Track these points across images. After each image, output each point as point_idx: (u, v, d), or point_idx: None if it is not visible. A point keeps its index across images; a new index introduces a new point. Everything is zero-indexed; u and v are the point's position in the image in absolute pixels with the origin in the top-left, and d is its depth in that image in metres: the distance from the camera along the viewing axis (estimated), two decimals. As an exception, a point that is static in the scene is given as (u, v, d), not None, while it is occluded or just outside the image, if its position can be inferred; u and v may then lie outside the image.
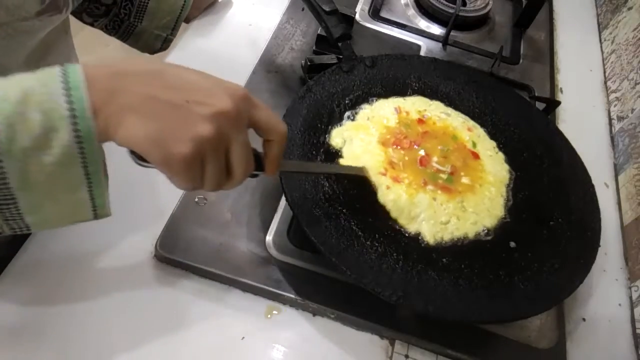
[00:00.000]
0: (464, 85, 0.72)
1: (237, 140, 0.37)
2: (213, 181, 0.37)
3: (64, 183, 0.35)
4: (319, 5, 0.69)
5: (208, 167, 0.36)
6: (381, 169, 0.57)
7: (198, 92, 0.35)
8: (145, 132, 0.34)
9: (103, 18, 0.73)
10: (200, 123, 0.34)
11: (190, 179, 0.36)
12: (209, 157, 0.35)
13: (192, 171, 0.35)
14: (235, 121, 0.36)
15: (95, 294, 0.51)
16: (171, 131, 0.34)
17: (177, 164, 0.34)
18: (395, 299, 0.48)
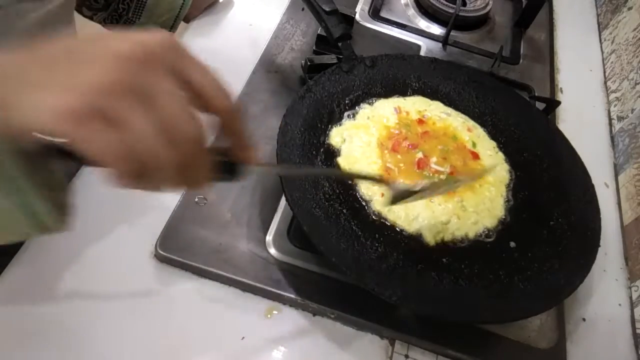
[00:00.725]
0: (464, 85, 0.72)
1: (160, 89, 0.28)
2: (146, 141, 0.27)
3: None
4: (319, 5, 0.69)
5: (126, 127, 0.26)
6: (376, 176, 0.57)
7: (94, 43, 0.28)
8: (28, 101, 0.26)
9: (102, 12, 0.73)
10: (98, 65, 0.26)
11: (102, 145, 0.26)
12: (115, 110, 0.26)
13: (92, 131, 0.26)
14: (145, 64, 0.27)
15: (95, 294, 0.51)
16: (59, 82, 0.26)
17: (64, 120, 0.25)
18: (395, 299, 0.48)
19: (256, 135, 0.66)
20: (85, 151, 0.26)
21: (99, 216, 0.56)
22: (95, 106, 0.26)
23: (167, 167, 0.28)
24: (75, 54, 0.27)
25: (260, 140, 0.65)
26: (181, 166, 0.29)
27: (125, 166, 0.27)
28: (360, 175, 0.57)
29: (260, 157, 0.34)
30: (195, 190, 0.31)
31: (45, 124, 0.26)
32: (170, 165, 0.28)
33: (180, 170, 0.29)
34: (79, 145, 0.26)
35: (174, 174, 0.29)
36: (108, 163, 0.27)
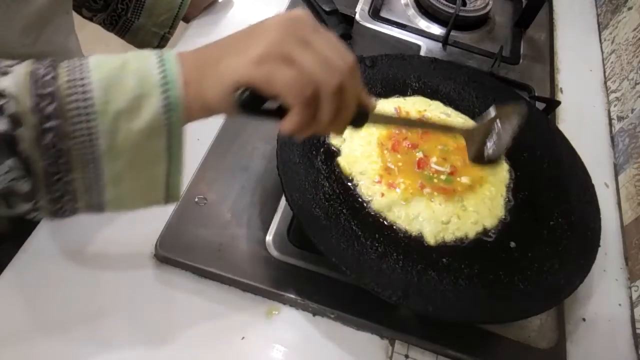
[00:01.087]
0: (464, 85, 0.72)
1: (315, 37, 0.37)
2: (314, 70, 0.36)
3: (147, 154, 0.37)
4: (319, 5, 0.69)
5: (296, 61, 0.35)
6: (376, 176, 0.58)
7: (259, 24, 0.38)
8: (226, 67, 0.36)
9: (101, 13, 0.73)
10: (267, 32, 0.36)
11: (280, 77, 0.35)
12: (286, 52, 0.35)
13: (272, 68, 0.35)
14: (299, 24, 0.37)
15: (95, 294, 0.51)
16: (245, 50, 0.36)
17: (257, 62, 0.35)
18: (395, 299, 0.48)
19: (256, 135, 0.66)
20: (270, 85, 0.35)
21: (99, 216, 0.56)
22: (272, 53, 0.35)
23: (331, 90, 0.36)
24: (248, 34, 0.37)
25: (260, 140, 0.65)
26: (340, 89, 0.37)
27: (300, 93, 0.35)
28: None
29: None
30: (338, 135, 0.45)
31: (239, 73, 0.35)
32: (333, 88, 0.36)
33: (339, 95, 0.37)
34: (265, 82, 0.35)
35: (335, 100, 0.37)
36: (287, 92, 0.35)
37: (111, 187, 0.37)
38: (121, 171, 0.37)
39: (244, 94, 0.36)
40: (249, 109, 0.37)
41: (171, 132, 0.36)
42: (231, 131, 0.66)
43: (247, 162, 0.63)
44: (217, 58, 0.37)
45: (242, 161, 0.63)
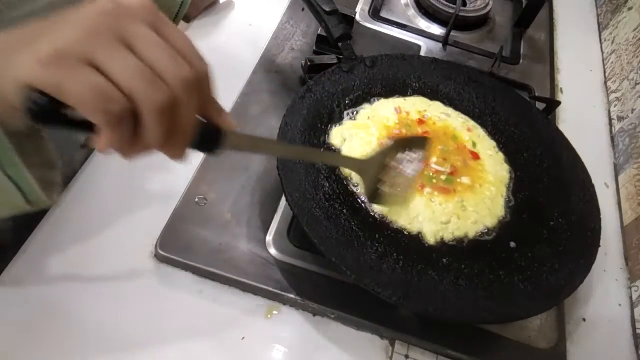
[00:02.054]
0: (464, 85, 0.72)
1: (139, 34, 0.29)
2: (127, 80, 0.28)
3: None
4: (319, 5, 0.69)
5: (106, 66, 0.27)
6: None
7: (78, 9, 0.30)
8: (13, 63, 0.28)
9: None
10: (73, 22, 0.28)
11: (83, 85, 0.27)
12: (94, 53, 0.27)
13: (73, 71, 0.27)
14: (124, 16, 0.29)
15: (95, 294, 0.51)
16: (36, 43, 0.28)
17: (46, 62, 0.27)
18: (395, 299, 0.48)
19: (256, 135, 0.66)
20: (60, 93, 0.27)
21: (99, 216, 0.56)
22: (75, 50, 0.27)
23: (152, 107, 0.28)
24: (55, 21, 0.29)
25: (260, 140, 0.65)
26: (169, 107, 0.29)
27: (100, 109, 0.27)
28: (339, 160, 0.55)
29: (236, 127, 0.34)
30: (177, 159, 0.33)
31: (22, 74, 0.27)
32: (156, 105, 0.28)
33: (167, 113, 0.29)
34: (54, 89, 0.27)
35: (161, 120, 0.29)
36: (82, 106, 0.27)
37: None
38: None
39: (34, 100, 0.28)
40: (43, 119, 0.28)
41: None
42: (231, 131, 0.66)
43: (247, 162, 0.63)
44: (9, 50, 0.29)
45: (242, 161, 0.63)
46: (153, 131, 0.29)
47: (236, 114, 0.67)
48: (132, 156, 0.31)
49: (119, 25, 0.28)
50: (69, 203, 0.57)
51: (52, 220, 0.55)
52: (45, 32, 0.28)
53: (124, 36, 0.28)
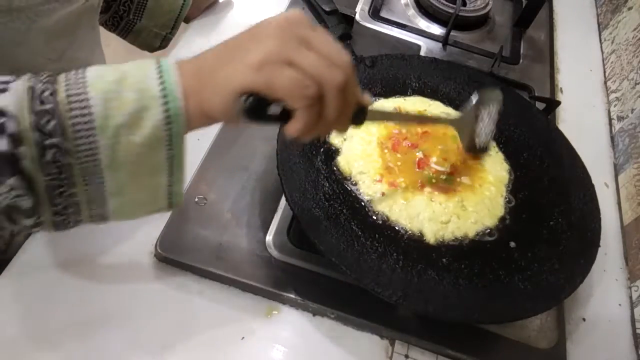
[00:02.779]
0: (464, 85, 0.72)
1: (312, 35, 0.37)
2: (316, 69, 0.36)
3: (149, 165, 0.37)
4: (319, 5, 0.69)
5: (297, 61, 0.35)
6: (377, 175, 0.58)
7: (257, 26, 0.38)
8: (226, 75, 0.36)
9: (103, 14, 0.73)
10: (266, 36, 0.37)
11: (283, 79, 0.35)
12: (287, 53, 0.35)
13: (274, 70, 0.35)
14: (296, 24, 0.37)
15: (95, 294, 0.51)
16: (244, 57, 0.36)
17: (258, 67, 0.35)
18: (395, 299, 0.48)
19: (256, 135, 0.66)
20: (272, 88, 0.35)
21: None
22: (272, 56, 0.35)
23: (336, 87, 0.36)
24: (246, 38, 0.37)
25: (260, 140, 0.65)
26: (343, 86, 0.36)
27: (303, 94, 0.35)
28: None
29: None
30: (342, 132, 0.44)
31: (239, 81, 0.35)
32: (338, 85, 0.36)
33: (342, 92, 0.37)
34: (267, 87, 0.35)
35: (340, 97, 0.37)
36: (290, 94, 0.35)
37: (113, 198, 0.37)
38: (123, 183, 0.37)
39: (247, 101, 0.35)
40: (253, 115, 0.36)
41: (172, 143, 0.36)
42: (231, 131, 0.66)
43: (247, 162, 0.63)
44: (217, 66, 0.37)
45: (242, 161, 0.63)
46: (334, 107, 0.37)
47: (236, 114, 0.67)
48: (312, 136, 0.39)
49: (297, 32, 0.36)
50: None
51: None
52: (244, 47, 0.36)
53: (304, 39, 0.36)
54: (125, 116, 0.34)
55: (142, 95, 0.35)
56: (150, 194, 0.39)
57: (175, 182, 0.39)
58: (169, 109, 0.35)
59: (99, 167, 0.35)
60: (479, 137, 0.59)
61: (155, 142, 0.36)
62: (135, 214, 0.40)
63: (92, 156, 0.34)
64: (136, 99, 0.34)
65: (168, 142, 0.36)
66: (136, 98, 0.34)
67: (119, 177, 0.36)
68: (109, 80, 0.35)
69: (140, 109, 0.34)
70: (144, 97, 0.35)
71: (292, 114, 0.37)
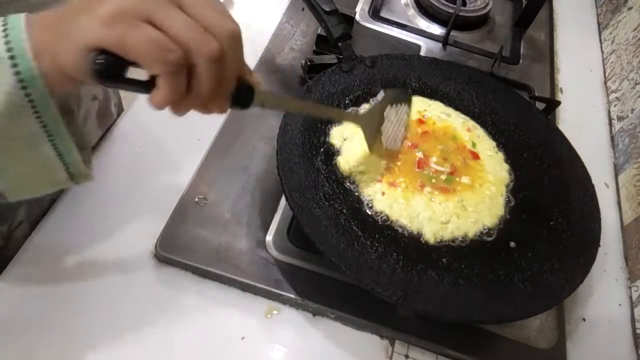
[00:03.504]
0: (464, 85, 0.72)
1: (158, 9, 0.31)
2: (183, 32, 0.31)
3: (19, 137, 0.33)
4: (319, 5, 0.69)
5: (163, 21, 0.30)
6: (377, 175, 0.58)
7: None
8: (77, 28, 0.30)
9: None
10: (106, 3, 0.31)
11: (144, 39, 0.30)
12: (152, 9, 0.30)
13: (133, 27, 0.30)
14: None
15: (95, 294, 0.51)
16: (98, 7, 0.30)
17: (110, 21, 0.30)
18: (395, 299, 0.48)
19: (256, 135, 0.66)
20: (124, 48, 0.30)
21: (99, 216, 0.56)
22: (134, 9, 0.30)
23: (207, 55, 0.31)
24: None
25: (260, 140, 0.65)
26: (217, 57, 0.32)
27: (161, 58, 0.30)
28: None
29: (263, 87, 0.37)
30: (220, 112, 0.36)
31: (88, 35, 0.30)
32: (210, 53, 0.31)
33: (216, 64, 0.32)
34: (118, 45, 0.30)
35: (213, 69, 0.32)
36: (145, 57, 0.30)
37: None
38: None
39: (97, 59, 0.30)
40: (107, 77, 0.31)
41: (38, 108, 0.32)
42: (231, 131, 0.66)
43: (247, 162, 0.63)
44: (71, 16, 0.31)
45: (242, 161, 0.63)
46: (205, 80, 0.32)
47: (236, 114, 0.67)
48: (183, 111, 0.34)
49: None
50: (69, 204, 0.57)
51: (53, 220, 0.55)
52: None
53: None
54: None
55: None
56: (38, 168, 0.36)
57: (63, 151, 0.35)
58: (20, 71, 0.31)
59: None
60: (387, 137, 0.56)
61: (15, 110, 0.32)
62: (35, 189, 0.38)
63: None
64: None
65: (32, 108, 0.32)
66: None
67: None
68: None
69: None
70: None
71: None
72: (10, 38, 0.31)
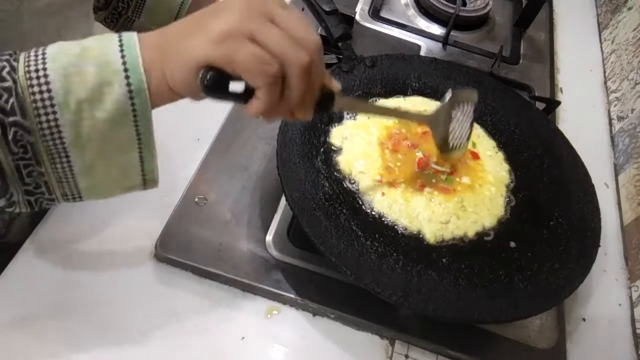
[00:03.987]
0: (464, 85, 0.72)
1: (279, 12, 0.35)
2: (280, 47, 0.34)
3: (116, 142, 0.36)
4: (319, 5, 0.69)
5: (261, 37, 0.34)
6: (377, 175, 0.58)
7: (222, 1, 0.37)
8: (187, 47, 0.35)
9: (103, 11, 0.73)
10: (230, 9, 0.35)
11: (246, 54, 0.34)
12: (251, 28, 0.34)
13: (237, 44, 0.34)
14: (263, 2, 0.35)
15: (95, 294, 0.51)
16: (206, 29, 0.34)
17: (218, 40, 0.34)
18: (395, 299, 0.48)
19: (256, 135, 0.66)
20: (232, 63, 0.34)
21: (99, 216, 0.56)
22: (234, 30, 0.34)
23: (300, 67, 0.35)
24: (211, 11, 0.35)
25: (260, 140, 0.65)
26: (307, 67, 0.35)
27: (264, 71, 0.34)
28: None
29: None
30: (306, 118, 0.39)
31: (199, 53, 0.34)
32: (303, 65, 0.35)
33: (305, 74, 0.35)
34: (227, 61, 0.34)
35: (304, 79, 0.35)
36: (250, 71, 0.34)
37: (83, 177, 0.37)
38: (91, 161, 0.36)
39: (207, 76, 0.34)
40: (214, 91, 0.35)
41: (137, 118, 0.35)
42: (231, 131, 0.66)
43: (247, 162, 0.63)
44: (179, 38, 0.35)
45: (242, 161, 0.63)
46: (297, 88, 0.36)
47: (236, 114, 0.67)
48: (274, 118, 0.38)
49: (264, 7, 0.35)
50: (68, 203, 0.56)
51: (53, 220, 0.55)
52: (207, 20, 0.35)
53: (269, 15, 0.35)
54: (86, 91, 0.33)
55: (103, 69, 0.34)
56: (121, 172, 0.38)
57: (146, 158, 0.38)
58: (131, 83, 0.34)
59: (64, 145, 0.34)
60: (453, 136, 0.57)
61: (119, 118, 0.35)
62: (110, 192, 0.40)
63: (55, 134, 0.34)
64: (97, 72, 0.34)
65: (133, 117, 0.35)
66: (97, 72, 0.34)
67: (86, 155, 0.36)
68: (70, 55, 0.34)
69: (102, 84, 0.34)
70: (105, 71, 0.34)
71: (254, 93, 0.36)
72: (126, 53, 0.34)
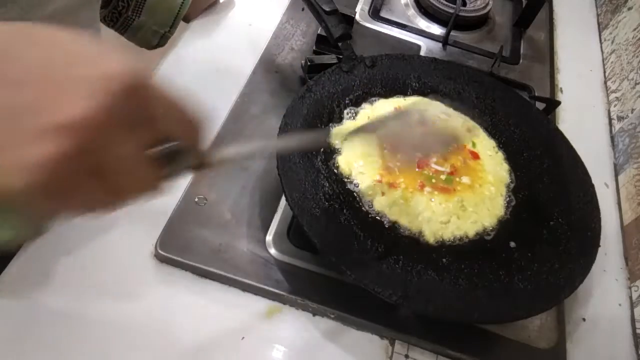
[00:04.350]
0: (464, 85, 0.72)
1: (113, 156, 0.25)
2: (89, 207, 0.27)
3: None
4: (319, 5, 0.69)
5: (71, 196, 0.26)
6: (376, 176, 0.58)
7: (45, 88, 0.23)
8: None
9: (103, 9, 0.73)
10: (36, 142, 0.22)
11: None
12: (61, 185, 0.24)
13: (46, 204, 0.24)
14: (99, 131, 0.23)
15: (95, 294, 0.51)
16: (7, 149, 0.22)
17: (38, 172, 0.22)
18: (395, 299, 0.48)
19: (256, 135, 0.66)
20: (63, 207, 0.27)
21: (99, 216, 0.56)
22: (39, 188, 0.23)
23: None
24: (42, 85, 0.23)
25: (261, 140, 0.65)
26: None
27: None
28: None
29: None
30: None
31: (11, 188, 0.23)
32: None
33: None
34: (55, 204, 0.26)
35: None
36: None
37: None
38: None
39: None
40: None
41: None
42: (231, 131, 0.66)
43: (247, 162, 0.63)
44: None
45: (242, 161, 0.63)
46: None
47: (236, 114, 0.67)
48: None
49: (91, 147, 0.24)
50: (69, 203, 0.57)
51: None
52: (33, 107, 0.22)
53: (92, 162, 0.25)
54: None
55: None
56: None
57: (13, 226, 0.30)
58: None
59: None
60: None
61: None
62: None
63: None
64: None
65: None
66: None
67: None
68: None
69: None
70: None
71: None
72: None
